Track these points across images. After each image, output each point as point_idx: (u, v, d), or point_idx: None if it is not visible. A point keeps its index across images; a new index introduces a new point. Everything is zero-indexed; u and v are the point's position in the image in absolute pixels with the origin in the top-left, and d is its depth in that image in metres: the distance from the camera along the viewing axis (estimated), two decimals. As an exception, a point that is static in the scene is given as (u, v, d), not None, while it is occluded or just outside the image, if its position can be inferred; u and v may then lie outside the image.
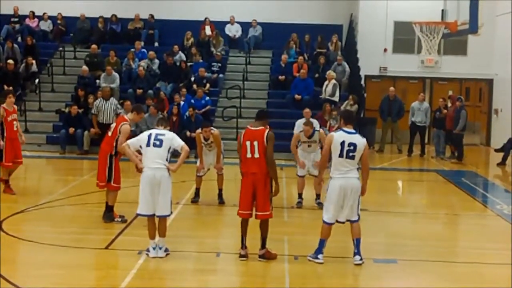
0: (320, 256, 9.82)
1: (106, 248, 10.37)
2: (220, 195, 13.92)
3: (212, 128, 13.75)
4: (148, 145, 9.99)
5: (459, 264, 10.28)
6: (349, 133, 9.71)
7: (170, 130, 10.43)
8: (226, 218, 13.29)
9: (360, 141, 9.69)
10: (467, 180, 18.15)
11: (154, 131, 10.16)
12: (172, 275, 9.32)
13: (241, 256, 9.89)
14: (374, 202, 13.69)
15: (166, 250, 9.97)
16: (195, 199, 13.96)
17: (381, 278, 9.52)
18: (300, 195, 13.90)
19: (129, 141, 10.33)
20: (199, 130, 13.78)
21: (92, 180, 16.68)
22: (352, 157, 9.60)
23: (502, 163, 20.93)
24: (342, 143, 9.57)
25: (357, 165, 9.76)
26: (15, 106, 14.53)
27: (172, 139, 10.09)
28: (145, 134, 10.17)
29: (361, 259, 9.74)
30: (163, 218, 9.99)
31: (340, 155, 9.58)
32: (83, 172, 19.02)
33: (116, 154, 11.71)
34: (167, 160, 9.98)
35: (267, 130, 9.75)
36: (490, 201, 16.02)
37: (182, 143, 10.14)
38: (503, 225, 12.98)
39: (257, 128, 9.79)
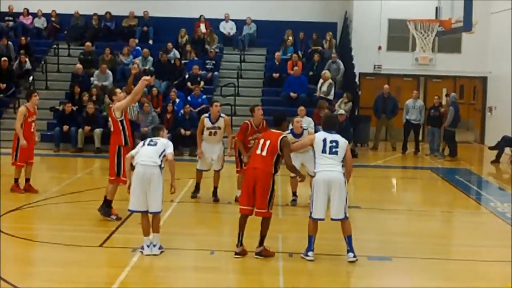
0: (310, 253, 9.86)
1: (101, 246, 10.37)
2: (215, 192, 13.88)
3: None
4: (143, 145, 10.18)
5: (453, 262, 10.33)
6: (330, 133, 9.96)
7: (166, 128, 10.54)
8: (221, 215, 13.30)
9: (342, 139, 9.92)
10: (461, 177, 18.19)
11: (150, 138, 10.38)
12: (166, 272, 9.32)
13: (236, 253, 9.90)
14: (368, 200, 13.72)
15: (160, 247, 9.98)
16: (195, 194, 13.95)
17: (375, 276, 9.54)
18: (294, 193, 13.90)
19: (132, 152, 10.33)
20: (205, 114, 13.78)
21: (86, 177, 16.73)
22: (336, 153, 9.78)
23: (496, 161, 20.98)
24: (324, 140, 9.82)
25: (341, 163, 9.84)
26: (36, 107, 14.45)
27: (167, 144, 10.23)
28: (141, 142, 10.36)
29: (354, 256, 9.76)
30: (156, 215, 10.02)
31: (323, 151, 9.79)
32: (77, 170, 19.00)
33: (126, 143, 11.67)
34: (159, 158, 10.01)
35: (283, 135, 9.91)
36: (484, 198, 16.07)
37: (172, 151, 10.20)
38: (496, 222, 13.02)
39: (276, 131, 10.02)
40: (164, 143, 10.22)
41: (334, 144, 9.79)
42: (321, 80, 22.90)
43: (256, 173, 9.73)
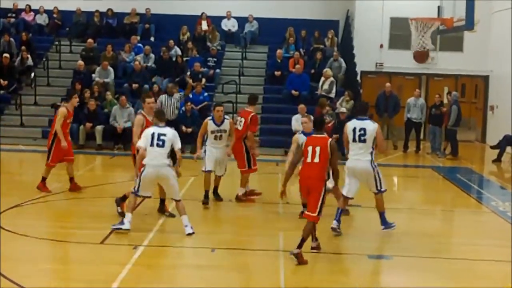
0: (334, 222, 10.97)
1: (102, 242, 10.37)
2: (215, 191, 13.74)
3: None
4: (151, 145, 10.67)
5: (453, 261, 10.31)
6: (361, 119, 10.92)
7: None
8: (221, 213, 13.28)
9: (370, 126, 10.82)
10: (462, 176, 18.18)
11: (156, 131, 10.78)
12: (167, 270, 9.33)
13: (312, 248, 10.06)
14: (369, 198, 13.68)
15: (191, 228, 10.82)
16: (206, 201, 13.20)
17: (376, 274, 9.55)
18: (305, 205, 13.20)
19: (141, 143, 10.85)
20: (209, 117, 13.30)
21: (87, 174, 16.69)
22: (364, 141, 10.77)
23: (497, 160, 20.97)
24: (354, 129, 10.83)
25: (371, 149, 10.83)
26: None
27: (173, 140, 10.78)
28: (149, 133, 10.80)
29: (384, 229, 11.21)
30: (178, 201, 11.01)
31: (354, 140, 10.84)
32: (78, 166, 18.86)
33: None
34: (168, 158, 10.73)
35: (330, 139, 10.04)
36: (485, 197, 16.07)
37: (180, 145, 10.86)
38: (497, 221, 13.02)
39: (321, 136, 10.13)
40: (171, 139, 10.71)
41: (362, 132, 10.75)
42: (322, 78, 22.91)
43: (310, 182, 9.89)
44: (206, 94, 22.32)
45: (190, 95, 22.11)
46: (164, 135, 10.69)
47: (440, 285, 9.10)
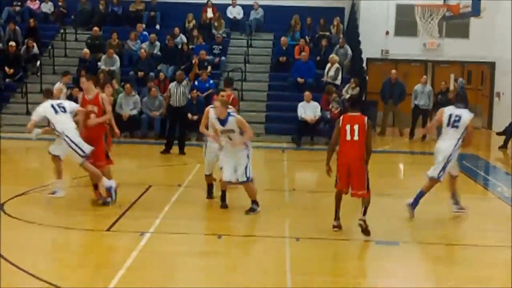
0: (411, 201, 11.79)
1: (108, 230, 10.39)
2: (223, 197, 12.40)
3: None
4: (56, 112, 11.64)
5: (460, 247, 10.33)
6: (458, 107, 11.65)
7: None
8: (227, 201, 13.25)
9: (466, 115, 11.50)
10: (468, 163, 18.08)
11: (54, 102, 11.94)
12: (174, 256, 9.33)
13: (334, 227, 10.36)
14: (376, 185, 13.65)
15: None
16: (210, 196, 12.68)
17: (383, 260, 9.52)
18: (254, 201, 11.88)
19: (35, 117, 12.14)
20: (211, 106, 11.59)
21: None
22: (456, 126, 11.48)
23: (503, 146, 20.94)
24: (450, 115, 11.55)
25: (459, 136, 11.42)
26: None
27: (70, 105, 11.99)
28: (47, 107, 11.80)
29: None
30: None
31: (448, 125, 11.58)
32: (84, 154, 18.96)
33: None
34: (73, 122, 11.76)
35: (366, 117, 10.26)
36: (491, 184, 16.05)
37: (76, 105, 12.01)
38: (503, 207, 13.01)
39: (356, 114, 10.29)
40: (68, 105, 11.96)
41: (457, 118, 11.47)
42: (328, 65, 22.86)
43: (351, 161, 10.12)
44: (211, 81, 22.30)
45: (196, 83, 22.09)
46: (61, 103, 11.87)
47: (447, 271, 9.09)
